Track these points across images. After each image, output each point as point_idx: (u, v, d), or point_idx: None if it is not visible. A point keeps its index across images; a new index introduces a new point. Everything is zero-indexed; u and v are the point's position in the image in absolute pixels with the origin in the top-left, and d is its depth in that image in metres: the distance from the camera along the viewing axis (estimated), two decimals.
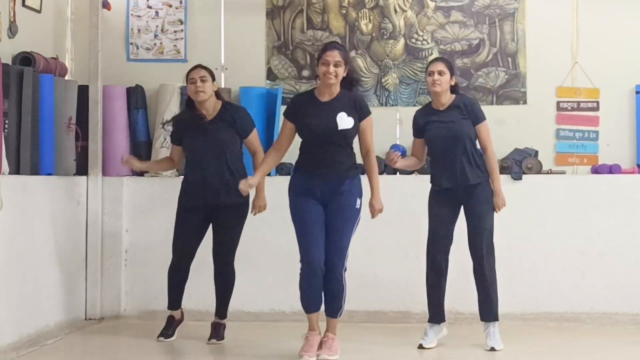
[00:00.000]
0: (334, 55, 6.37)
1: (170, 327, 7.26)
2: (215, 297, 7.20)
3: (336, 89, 6.45)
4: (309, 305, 6.48)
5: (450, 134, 6.86)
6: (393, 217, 7.29)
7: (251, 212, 7.08)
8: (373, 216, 6.57)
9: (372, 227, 7.23)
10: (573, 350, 6.99)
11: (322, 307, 6.53)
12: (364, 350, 6.96)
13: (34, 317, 7.12)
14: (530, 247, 8.01)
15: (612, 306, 7.95)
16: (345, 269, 6.44)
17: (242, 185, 6.47)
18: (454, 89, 7.02)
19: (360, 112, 6.47)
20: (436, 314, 7.03)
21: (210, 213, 7.05)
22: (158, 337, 7.21)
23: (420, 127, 7.03)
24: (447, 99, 6.96)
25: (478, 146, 7.00)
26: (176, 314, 7.30)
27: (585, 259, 8.00)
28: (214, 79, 7.07)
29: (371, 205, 6.55)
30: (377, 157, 8.20)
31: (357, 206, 6.45)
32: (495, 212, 6.98)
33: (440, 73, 6.88)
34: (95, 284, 8.07)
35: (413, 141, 7.16)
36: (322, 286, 6.43)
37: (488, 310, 6.95)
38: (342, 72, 6.39)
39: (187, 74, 7.06)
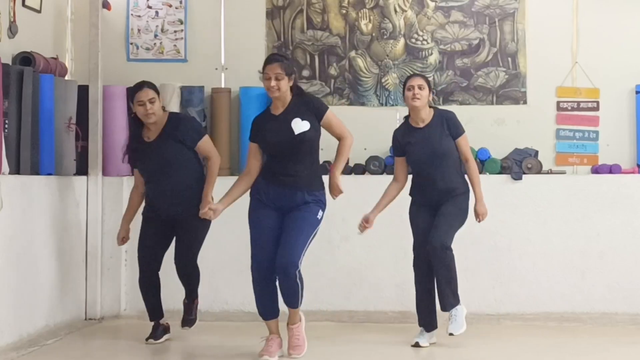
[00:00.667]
0: (274, 69, 6.36)
1: (156, 331, 7.20)
2: (184, 287, 7.19)
3: (286, 100, 6.45)
4: (264, 312, 6.53)
5: (432, 153, 6.84)
6: (393, 217, 7.29)
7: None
8: (333, 195, 6.45)
9: (372, 227, 7.23)
10: (573, 350, 6.99)
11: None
12: (364, 350, 6.95)
13: (34, 317, 7.12)
14: (530, 247, 8.01)
15: (612, 306, 7.95)
16: (299, 268, 6.32)
17: (204, 212, 6.52)
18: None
19: (316, 112, 6.45)
20: (428, 323, 7.02)
21: (171, 226, 7.06)
22: (147, 339, 7.16)
23: (400, 146, 6.99)
24: (427, 114, 6.93)
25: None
26: (162, 321, 7.26)
27: (585, 259, 8.01)
28: (159, 95, 7.00)
29: (332, 175, 6.46)
30: (378, 157, 8.25)
31: (319, 217, 6.45)
32: (478, 222, 6.97)
33: (420, 87, 6.85)
34: (95, 284, 8.07)
35: (394, 160, 7.11)
36: (275, 293, 6.45)
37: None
38: (285, 83, 6.38)
39: (134, 94, 6.96)
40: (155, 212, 7.04)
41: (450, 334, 6.82)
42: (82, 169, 8.03)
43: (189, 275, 7.14)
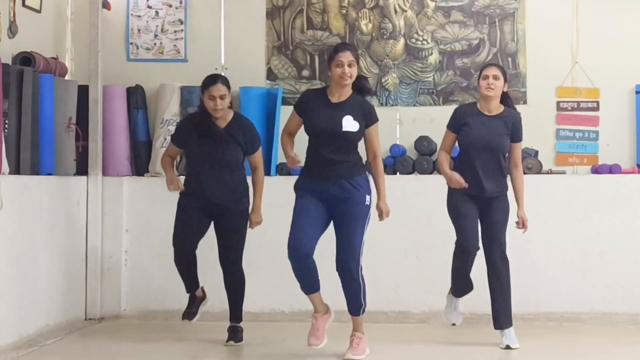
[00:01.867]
0: (347, 56, 6.40)
1: (193, 306, 7.18)
2: (228, 302, 7.15)
3: (347, 91, 6.49)
4: (304, 287, 6.53)
5: (490, 143, 6.87)
6: (393, 217, 7.27)
7: (249, 227, 7.08)
8: (381, 219, 6.57)
9: (372, 227, 7.22)
10: (573, 350, 6.99)
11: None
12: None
13: (34, 317, 7.12)
14: (530, 247, 8.00)
15: (612, 306, 7.95)
16: (361, 267, 6.43)
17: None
18: (504, 99, 6.99)
19: (367, 118, 6.50)
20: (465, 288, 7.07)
21: (212, 213, 7.02)
22: (182, 317, 7.17)
23: (458, 124, 6.97)
24: (496, 107, 6.96)
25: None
26: (197, 292, 7.23)
27: (585, 259, 8.00)
28: (230, 90, 7.02)
29: (378, 207, 6.55)
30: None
31: (367, 202, 6.46)
32: (521, 230, 7.02)
33: (495, 77, 6.88)
34: (95, 284, 8.07)
35: (446, 133, 7.07)
36: (314, 268, 6.44)
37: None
38: (355, 72, 6.44)
39: (207, 87, 6.95)
40: (196, 199, 6.94)
41: (507, 347, 6.86)
42: (82, 169, 8.03)
43: (237, 283, 7.08)
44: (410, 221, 7.86)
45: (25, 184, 7.01)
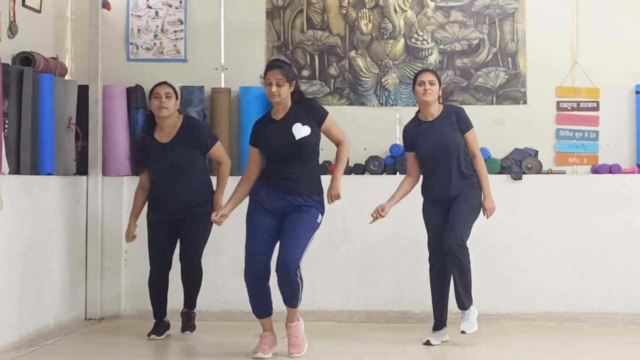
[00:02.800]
0: (275, 74, 6.45)
1: (159, 328, 7.28)
2: (183, 291, 7.30)
3: (287, 105, 6.53)
4: (258, 311, 6.58)
5: (441, 146, 6.92)
6: (393, 217, 7.29)
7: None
8: (330, 201, 6.53)
9: (372, 227, 7.23)
10: (573, 350, 6.99)
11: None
12: (364, 349, 6.95)
13: (34, 317, 7.12)
14: (530, 247, 8.01)
15: (612, 306, 7.95)
16: (300, 268, 6.40)
17: (216, 220, 6.61)
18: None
19: (317, 117, 6.54)
20: (439, 320, 7.07)
21: (176, 225, 7.18)
22: (149, 334, 7.24)
23: (410, 141, 7.08)
24: (436, 109, 7.04)
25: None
26: (165, 319, 7.35)
27: (585, 259, 8.00)
28: (177, 98, 7.22)
29: (330, 188, 6.52)
30: (378, 157, 8.25)
31: (318, 220, 6.52)
32: (486, 217, 7.03)
33: (430, 83, 6.97)
34: (95, 284, 8.07)
35: (407, 156, 7.20)
36: (269, 292, 6.51)
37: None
38: (286, 89, 6.46)
39: (152, 89, 7.19)
40: (160, 214, 7.16)
41: (463, 332, 6.93)
42: (82, 169, 8.03)
43: (193, 275, 7.23)
44: (410, 221, 7.85)
45: (25, 184, 7.01)
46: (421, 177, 7.13)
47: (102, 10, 8.22)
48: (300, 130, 6.45)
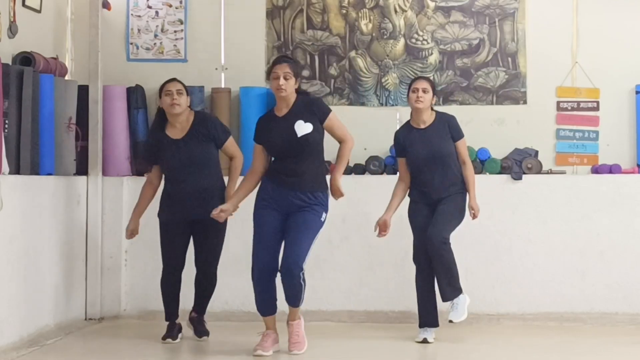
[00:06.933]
0: (283, 68, 6.50)
1: (173, 330, 7.23)
2: (194, 295, 7.26)
3: (291, 101, 6.58)
4: (262, 309, 6.62)
5: (432, 153, 7.04)
6: (393, 217, 7.29)
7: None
8: (335, 197, 6.58)
9: (372, 227, 7.23)
10: (573, 350, 7.00)
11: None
12: (364, 349, 6.96)
13: (34, 317, 7.12)
14: (530, 247, 8.01)
15: (612, 306, 7.95)
16: (303, 270, 6.46)
17: (216, 214, 6.61)
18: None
19: (319, 114, 6.58)
20: (429, 320, 7.12)
21: (190, 225, 7.11)
22: (163, 338, 7.20)
23: (401, 147, 7.18)
24: (428, 116, 7.15)
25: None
26: (177, 321, 7.30)
27: (585, 259, 8.00)
28: (188, 94, 7.15)
29: (332, 185, 6.57)
30: (378, 157, 8.25)
31: (322, 219, 6.56)
32: (472, 218, 7.11)
33: (424, 90, 7.07)
34: (95, 284, 8.07)
35: (398, 162, 7.27)
36: (274, 290, 6.55)
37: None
38: (292, 84, 6.53)
39: (162, 87, 7.13)
40: (174, 214, 7.07)
41: (450, 321, 7.00)
42: (82, 169, 8.03)
43: (208, 283, 7.20)
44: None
45: (25, 184, 7.01)
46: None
47: (102, 10, 8.23)
48: (303, 128, 6.49)
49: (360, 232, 8.03)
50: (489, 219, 7.71)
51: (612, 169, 8.14)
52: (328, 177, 6.64)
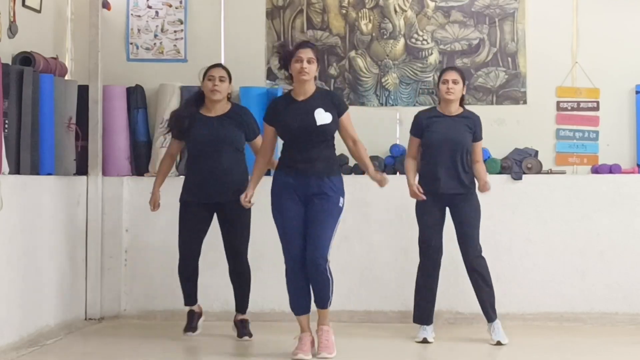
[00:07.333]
0: (307, 52, 6.52)
1: (193, 321, 7.29)
2: (234, 295, 7.27)
3: (311, 88, 6.57)
4: (298, 307, 6.58)
5: (453, 140, 7.05)
6: (393, 217, 7.30)
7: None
8: (383, 184, 6.62)
9: (372, 227, 7.25)
10: (573, 350, 7.00)
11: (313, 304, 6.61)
12: (364, 349, 6.96)
13: (34, 317, 7.12)
14: (530, 247, 8.01)
15: (612, 306, 7.95)
16: (328, 262, 6.46)
17: (243, 201, 6.60)
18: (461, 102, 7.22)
19: (338, 107, 6.58)
20: (426, 317, 7.18)
21: (213, 209, 7.10)
22: (185, 331, 7.25)
23: (420, 128, 7.17)
24: (456, 108, 7.17)
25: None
26: (195, 307, 7.35)
27: (585, 259, 8.01)
28: (230, 81, 7.18)
29: (374, 178, 6.61)
30: (378, 157, 8.24)
31: (340, 204, 6.54)
32: (483, 191, 7.13)
33: (454, 82, 7.09)
34: (95, 284, 8.07)
35: (410, 139, 7.27)
36: (307, 287, 6.51)
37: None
38: (314, 69, 6.56)
39: (206, 71, 7.15)
40: (197, 196, 7.04)
41: (498, 343, 6.98)
42: (82, 169, 8.03)
43: (243, 274, 7.19)
44: (410, 221, 7.84)
45: (25, 184, 7.01)
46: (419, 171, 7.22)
47: (102, 10, 8.23)
48: (322, 116, 6.48)
49: (360, 232, 8.03)
50: (489, 219, 7.70)
51: (612, 169, 8.14)
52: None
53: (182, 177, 7.33)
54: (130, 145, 8.37)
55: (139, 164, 8.39)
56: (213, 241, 7.32)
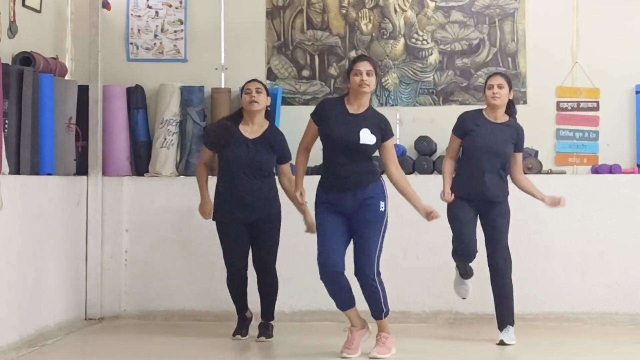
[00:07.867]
0: (366, 65, 6.49)
1: (243, 327, 7.33)
2: (260, 303, 7.28)
3: (365, 103, 6.57)
4: (339, 304, 6.63)
5: (495, 148, 7.02)
6: (393, 217, 7.26)
7: (305, 232, 7.14)
8: (432, 218, 6.59)
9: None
10: (573, 350, 6.99)
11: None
12: (364, 349, 6.95)
13: (34, 317, 7.12)
14: (530, 247, 8.00)
15: (612, 306, 7.95)
16: (379, 273, 6.51)
17: (300, 197, 6.63)
18: (509, 108, 7.17)
19: (384, 132, 6.57)
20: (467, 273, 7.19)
21: (246, 228, 7.16)
22: (234, 334, 7.29)
23: (464, 129, 7.14)
24: (502, 115, 7.14)
25: None
26: (247, 313, 7.39)
27: (585, 259, 8.00)
28: (268, 94, 7.21)
29: (422, 212, 6.61)
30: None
31: (382, 209, 6.53)
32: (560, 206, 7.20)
33: (499, 87, 7.05)
34: (95, 284, 8.07)
35: (451, 138, 7.23)
36: (346, 284, 6.53)
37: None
38: (374, 82, 6.52)
39: (243, 86, 7.24)
40: (230, 215, 7.10)
41: (502, 341, 6.96)
42: (82, 169, 8.03)
43: (271, 285, 7.23)
44: (410, 221, 7.84)
45: (25, 184, 7.01)
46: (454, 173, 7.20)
47: (102, 10, 8.23)
48: (367, 137, 6.48)
49: None
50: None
51: (612, 169, 8.14)
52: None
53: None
54: (130, 145, 8.36)
55: (139, 164, 8.39)
56: (213, 246, 7.35)
